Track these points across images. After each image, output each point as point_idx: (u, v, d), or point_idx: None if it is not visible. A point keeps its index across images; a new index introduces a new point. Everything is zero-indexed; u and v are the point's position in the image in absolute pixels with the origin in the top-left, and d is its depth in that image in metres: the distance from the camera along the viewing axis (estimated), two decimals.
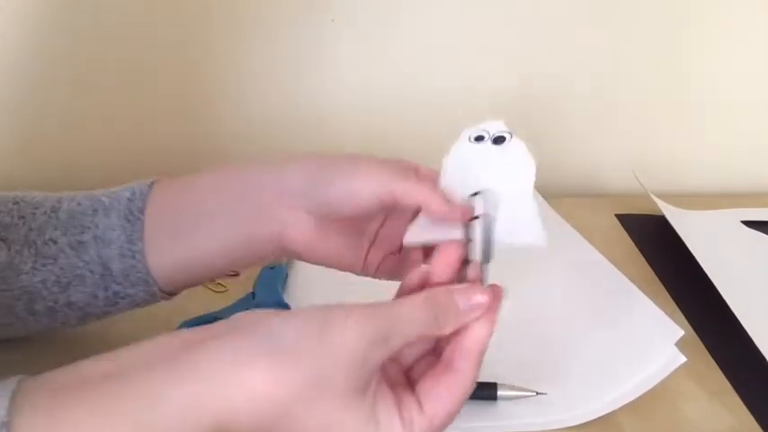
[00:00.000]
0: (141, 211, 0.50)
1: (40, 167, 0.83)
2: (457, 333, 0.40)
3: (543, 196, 0.78)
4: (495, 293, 0.41)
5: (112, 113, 0.82)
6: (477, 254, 0.44)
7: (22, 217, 0.51)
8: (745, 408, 0.54)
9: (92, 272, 0.50)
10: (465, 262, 0.44)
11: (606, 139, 0.88)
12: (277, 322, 0.37)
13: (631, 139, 0.88)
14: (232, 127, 0.83)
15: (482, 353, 0.40)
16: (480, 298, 0.40)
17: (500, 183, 0.48)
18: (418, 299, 0.40)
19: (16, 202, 0.52)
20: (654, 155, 0.88)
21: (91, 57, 0.79)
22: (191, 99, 0.82)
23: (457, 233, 0.45)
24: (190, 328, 0.38)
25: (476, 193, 0.46)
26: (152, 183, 0.52)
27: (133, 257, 0.50)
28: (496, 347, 0.48)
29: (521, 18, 0.81)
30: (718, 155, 0.89)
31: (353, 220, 0.49)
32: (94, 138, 0.83)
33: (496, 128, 0.49)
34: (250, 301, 0.61)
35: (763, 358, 0.55)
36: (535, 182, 0.84)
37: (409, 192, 0.45)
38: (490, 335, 0.41)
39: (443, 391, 0.39)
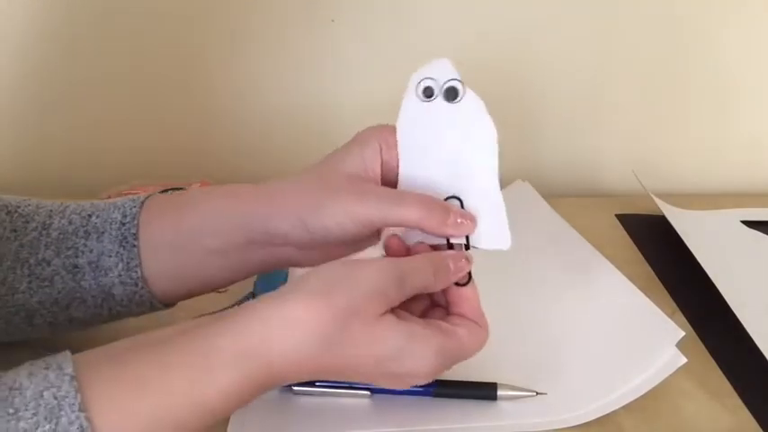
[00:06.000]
0: (135, 236, 0.49)
1: (42, 169, 0.83)
2: (457, 295, 0.47)
3: (543, 196, 0.78)
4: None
5: (114, 115, 0.82)
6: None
7: (14, 231, 0.50)
8: (745, 408, 0.54)
9: (93, 296, 0.50)
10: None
11: (606, 139, 0.88)
12: (309, 273, 0.43)
13: (631, 139, 0.88)
14: (232, 126, 0.83)
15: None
16: (465, 262, 0.47)
17: (463, 159, 0.48)
18: (421, 257, 0.46)
19: (9, 212, 0.51)
20: (654, 155, 0.88)
21: (92, 58, 0.79)
22: (191, 99, 0.82)
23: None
24: None
25: (451, 197, 0.48)
26: (142, 203, 0.51)
27: (135, 285, 0.50)
28: (496, 347, 0.48)
29: (521, 18, 0.81)
30: (718, 155, 0.89)
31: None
32: (96, 139, 0.83)
33: (444, 72, 0.48)
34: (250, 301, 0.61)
35: (764, 358, 0.55)
36: (534, 181, 0.84)
37: (403, 221, 0.47)
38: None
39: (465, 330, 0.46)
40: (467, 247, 0.48)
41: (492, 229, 0.48)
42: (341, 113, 0.83)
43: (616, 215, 0.80)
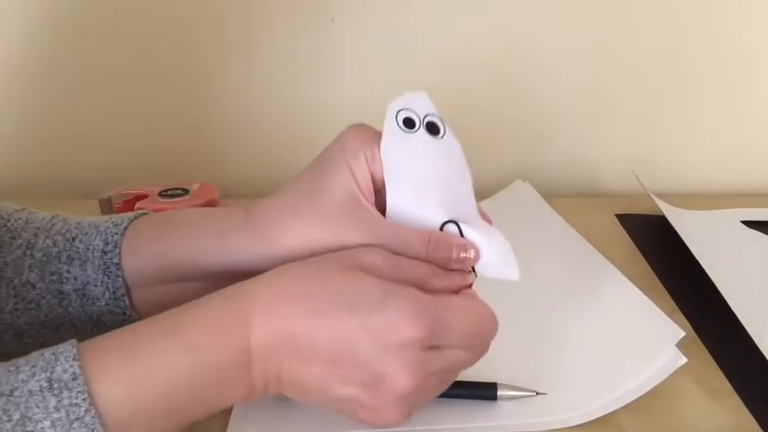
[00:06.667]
0: (118, 266, 0.49)
1: (42, 169, 0.83)
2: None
3: (544, 196, 0.78)
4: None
5: (114, 115, 0.82)
6: None
7: (0, 247, 0.50)
8: (745, 408, 0.54)
9: (82, 322, 0.50)
10: None
11: (606, 139, 0.88)
12: None
13: (631, 139, 0.88)
14: (231, 126, 0.84)
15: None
16: (469, 276, 0.48)
17: (451, 189, 0.48)
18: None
19: None
20: (654, 155, 0.88)
21: (92, 59, 0.80)
22: (190, 100, 0.82)
23: None
24: None
25: (447, 222, 0.48)
26: (125, 229, 0.50)
27: (123, 313, 0.49)
28: (496, 347, 0.48)
29: (521, 18, 0.82)
30: (718, 155, 0.89)
31: None
32: (96, 139, 0.83)
33: (422, 107, 0.47)
34: None
35: (764, 358, 0.55)
36: (534, 181, 0.85)
37: (407, 251, 0.47)
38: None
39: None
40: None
41: (497, 257, 0.48)
42: (341, 114, 0.83)
43: (616, 215, 0.80)
